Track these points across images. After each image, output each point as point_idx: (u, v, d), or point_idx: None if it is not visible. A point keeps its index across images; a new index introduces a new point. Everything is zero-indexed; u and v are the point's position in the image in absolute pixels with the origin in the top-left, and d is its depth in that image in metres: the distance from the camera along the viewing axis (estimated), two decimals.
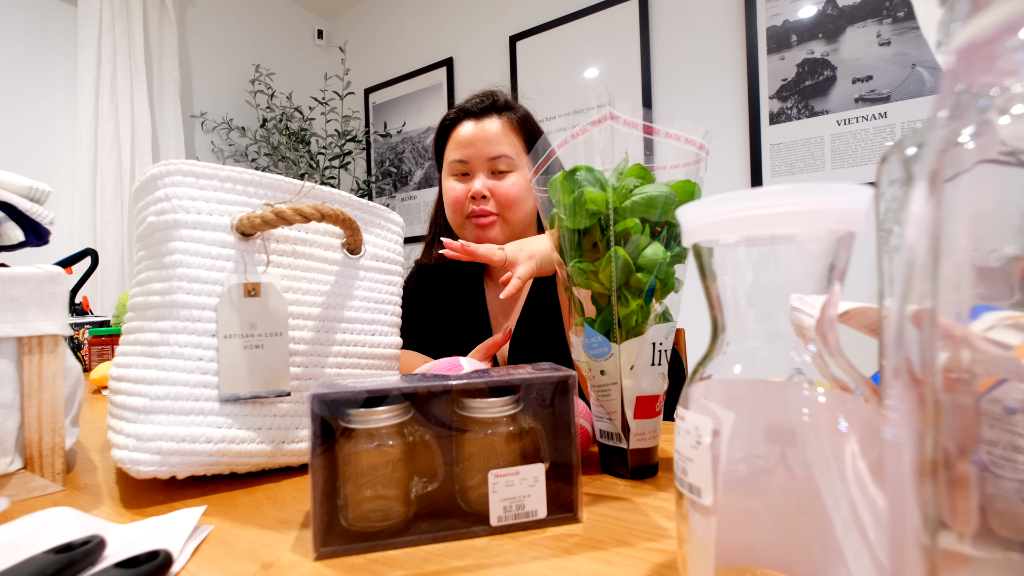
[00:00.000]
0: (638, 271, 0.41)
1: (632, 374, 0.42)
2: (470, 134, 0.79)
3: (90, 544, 0.30)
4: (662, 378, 0.43)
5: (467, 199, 0.80)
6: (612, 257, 0.40)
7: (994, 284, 0.16)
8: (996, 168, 0.16)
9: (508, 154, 0.79)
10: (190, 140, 2.41)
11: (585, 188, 0.41)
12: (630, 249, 0.41)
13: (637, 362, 0.41)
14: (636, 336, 0.41)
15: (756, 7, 1.79)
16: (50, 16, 1.98)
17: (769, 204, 0.20)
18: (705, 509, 0.22)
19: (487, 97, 0.83)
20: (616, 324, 0.41)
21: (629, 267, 0.41)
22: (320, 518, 0.32)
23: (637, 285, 0.41)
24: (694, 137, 0.42)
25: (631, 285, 0.41)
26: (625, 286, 0.41)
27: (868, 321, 0.30)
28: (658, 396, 0.43)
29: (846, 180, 1.63)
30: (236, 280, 0.44)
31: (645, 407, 0.42)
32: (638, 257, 0.41)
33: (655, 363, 0.42)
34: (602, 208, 0.40)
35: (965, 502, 0.17)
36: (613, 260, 0.40)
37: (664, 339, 0.43)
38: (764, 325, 0.23)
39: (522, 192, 0.80)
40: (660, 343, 0.42)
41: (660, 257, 0.40)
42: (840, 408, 0.20)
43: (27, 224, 0.50)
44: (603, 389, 0.43)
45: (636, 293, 0.41)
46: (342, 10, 3.00)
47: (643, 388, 0.42)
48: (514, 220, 0.80)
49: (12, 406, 0.42)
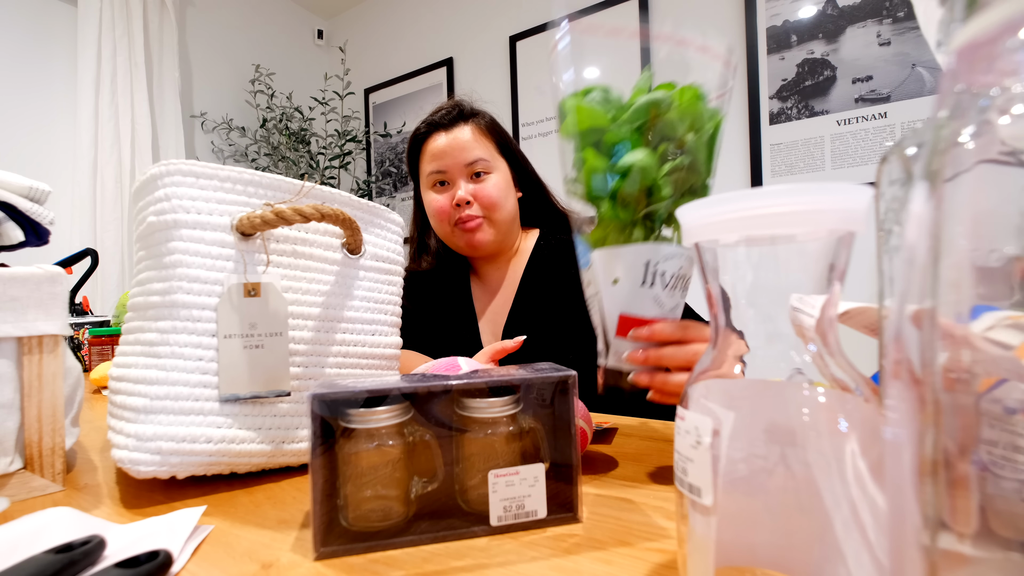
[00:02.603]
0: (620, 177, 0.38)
1: (616, 289, 0.40)
2: (444, 144, 0.82)
3: (90, 544, 0.30)
4: (656, 303, 0.40)
5: (451, 208, 0.82)
6: (579, 161, 0.39)
7: (994, 284, 0.16)
8: (996, 168, 0.16)
9: (483, 157, 0.81)
10: (190, 140, 2.41)
11: (580, 103, 0.39)
12: (619, 158, 0.39)
13: (624, 277, 0.39)
14: (619, 246, 0.39)
15: (756, 7, 1.79)
16: (50, 16, 1.98)
17: (769, 204, 0.20)
18: (705, 509, 0.22)
19: (454, 108, 0.85)
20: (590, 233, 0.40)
21: (603, 172, 0.38)
22: (320, 518, 0.32)
23: (620, 193, 0.38)
24: (720, 51, 0.40)
25: (620, 196, 0.39)
26: (612, 197, 0.39)
27: (868, 321, 0.30)
28: (648, 321, 0.40)
29: (846, 180, 1.63)
30: (236, 280, 0.44)
31: (630, 328, 0.40)
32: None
33: (647, 283, 0.39)
34: (603, 124, 0.39)
35: (965, 502, 0.17)
36: (579, 165, 0.39)
37: (664, 260, 0.39)
38: (764, 325, 0.23)
39: (503, 191, 0.83)
40: (656, 263, 0.39)
41: (641, 162, 0.37)
42: (840, 408, 0.20)
43: (27, 224, 0.50)
44: (590, 300, 0.42)
45: (624, 203, 0.39)
46: (342, 10, 3.00)
47: (629, 307, 0.40)
48: (499, 219, 0.83)
49: (12, 406, 0.42)
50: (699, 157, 0.39)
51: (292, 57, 2.85)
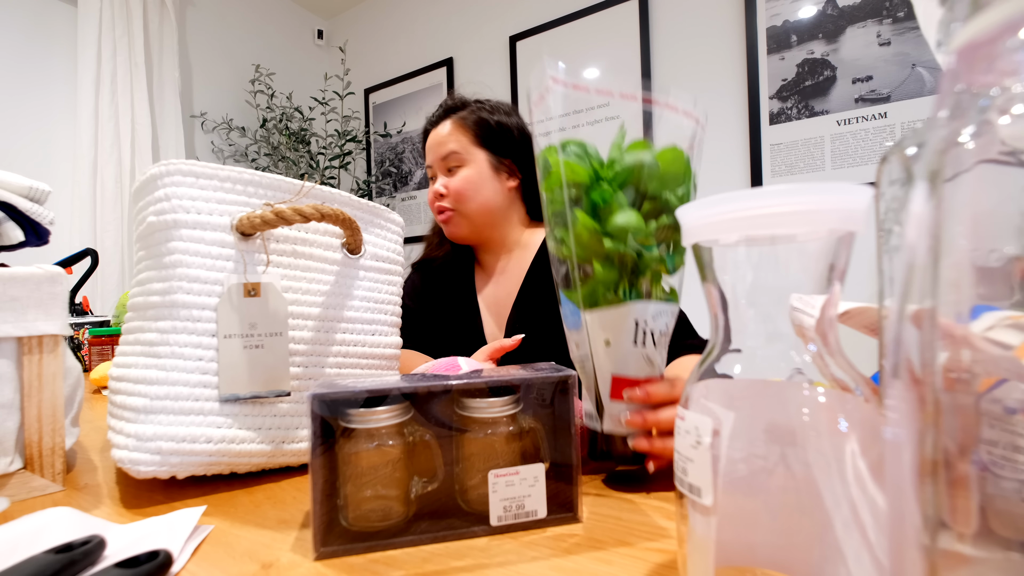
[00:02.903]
0: (609, 238, 0.38)
1: (608, 351, 0.39)
2: (430, 142, 0.88)
3: (90, 544, 0.30)
4: (647, 362, 0.40)
5: (433, 199, 0.88)
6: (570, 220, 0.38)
7: (994, 284, 0.16)
8: (996, 168, 0.16)
9: (455, 150, 0.84)
10: (190, 140, 2.41)
11: (561, 158, 0.39)
12: (606, 217, 0.39)
13: (615, 339, 0.39)
14: (611, 307, 0.39)
15: (756, 7, 1.79)
16: (50, 16, 1.98)
17: (769, 204, 0.20)
18: (705, 509, 0.22)
19: (445, 103, 0.90)
20: (579, 294, 0.39)
21: (596, 233, 0.38)
22: (320, 518, 0.32)
23: (609, 252, 0.38)
24: (689, 108, 0.40)
25: (605, 254, 0.38)
26: (596, 255, 0.39)
27: (868, 321, 0.30)
28: (641, 381, 0.40)
29: (846, 180, 1.63)
30: (236, 280, 0.44)
31: (623, 389, 0.40)
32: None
33: (638, 343, 0.39)
34: (584, 180, 0.39)
35: (965, 502, 0.17)
36: (570, 224, 0.38)
37: (652, 318, 0.39)
38: (764, 325, 0.23)
39: (471, 184, 0.84)
40: (645, 322, 0.39)
41: (632, 225, 0.37)
42: (840, 408, 0.20)
43: (27, 224, 0.50)
44: (579, 362, 0.41)
45: (608, 263, 0.39)
46: (342, 10, 2.99)
47: (621, 368, 0.39)
48: (469, 211, 0.85)
49: (12, 406, 0.42)
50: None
51: (292, 57, 2.85)
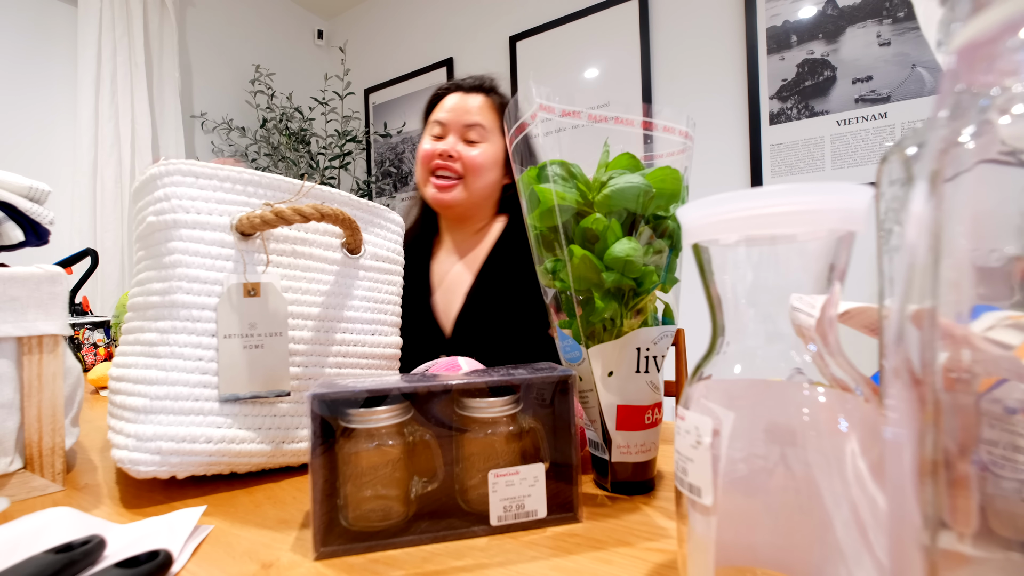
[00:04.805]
0: (607, 269, 0.37)
1: (611, 381, 0.38)
2: (454, 103, 0.87)
3: (90, 544, 0.30)
4: (652, 388, 0.39)
5: (436, 155, 0.85)
6: (567, 255, 0.37)
7: (994, 284, 0.16)
8: (996, 168, 0.16)
9: (482, 124, 0.85)
10: (190, 140, 2.41)
11: (545, 186, 0.38)
12: (600, 247, 0.37)
13: (618, 369, 0.38)
14: (615, 339, 0.38)
15: (756, 7, 1.79)
16: (50, 16, 1.98)
17: (769, 204, 0.20)
18: (705, 509, 0.22)
19: (480, 79, 0.90)
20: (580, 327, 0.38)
21: (594, 265, 0.37)
22: (320, 518, 0.32)
23: (609, 285, 0.37)
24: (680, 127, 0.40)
25: (602, 286, 0.37)
26: (596, 287, 0.38)
27: (868, 321, 0.30)
28: (646, 407, 0.39)
29: (846, 180, 1.63)
30: (236, 280, 0.44)
31: (630, 418, 0.39)
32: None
33: (641, 370, 0.38)
34: (572, 204, 0.38)
35: (965, 502, 0.17)
36: (567, 258, 0.37)
37: (653, 344, 0.39)
38: (764, 325, 0.23)
39: (488, 163, 0.85)
40: (647, 349, 0.38)
41: (629, 254, 0.36)
42: (840, 408, 0.20)
43: (27, 224, 0.50)
44: (582, 396, 0.41)
45: (607, 294, 0.38)
46: (342, 10, 2.99)
47: (626, 397, 0.39)
48: (475, 187, 0.85)
49: (12, 406, 0.42)
50: (676, 236, 0.40)
51: (292, 57, 2.85)
